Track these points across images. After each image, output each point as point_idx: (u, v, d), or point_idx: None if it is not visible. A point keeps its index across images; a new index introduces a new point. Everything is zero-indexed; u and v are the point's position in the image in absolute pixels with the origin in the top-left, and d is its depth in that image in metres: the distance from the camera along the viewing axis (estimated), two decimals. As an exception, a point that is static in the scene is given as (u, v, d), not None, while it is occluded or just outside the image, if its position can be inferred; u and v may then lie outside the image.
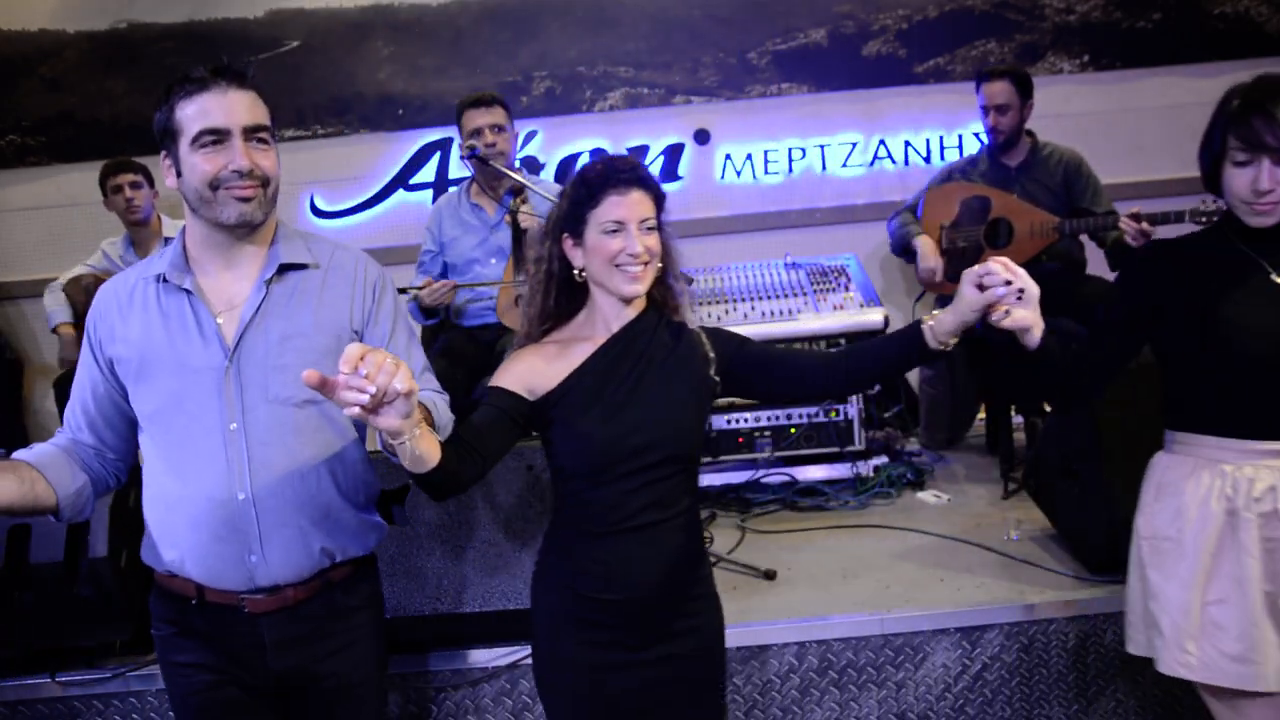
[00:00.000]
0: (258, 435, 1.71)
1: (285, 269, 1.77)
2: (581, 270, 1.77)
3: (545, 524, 2.38)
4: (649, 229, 1.74)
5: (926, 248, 3.75)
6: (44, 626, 2.42)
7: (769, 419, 3.41)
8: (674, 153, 4.56)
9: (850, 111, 4.54)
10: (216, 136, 1.69)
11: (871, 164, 4.57)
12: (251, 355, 1.72)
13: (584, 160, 4.54)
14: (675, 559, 1.78)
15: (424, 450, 1.51)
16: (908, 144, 4.56)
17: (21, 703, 2.47)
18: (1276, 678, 1.72)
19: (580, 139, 4.55)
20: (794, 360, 1.89)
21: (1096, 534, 2.51)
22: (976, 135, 4.48)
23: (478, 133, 3.44)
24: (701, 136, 4.56)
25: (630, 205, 1.72)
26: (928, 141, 4.56)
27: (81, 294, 3.80)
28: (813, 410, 3.39)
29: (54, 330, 3.88)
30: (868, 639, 2.45)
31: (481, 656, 2.43)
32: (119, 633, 2.46)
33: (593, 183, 1.75)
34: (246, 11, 4.42)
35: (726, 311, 3.41)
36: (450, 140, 4.46)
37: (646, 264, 1.74)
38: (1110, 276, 3.69)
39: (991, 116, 3.68)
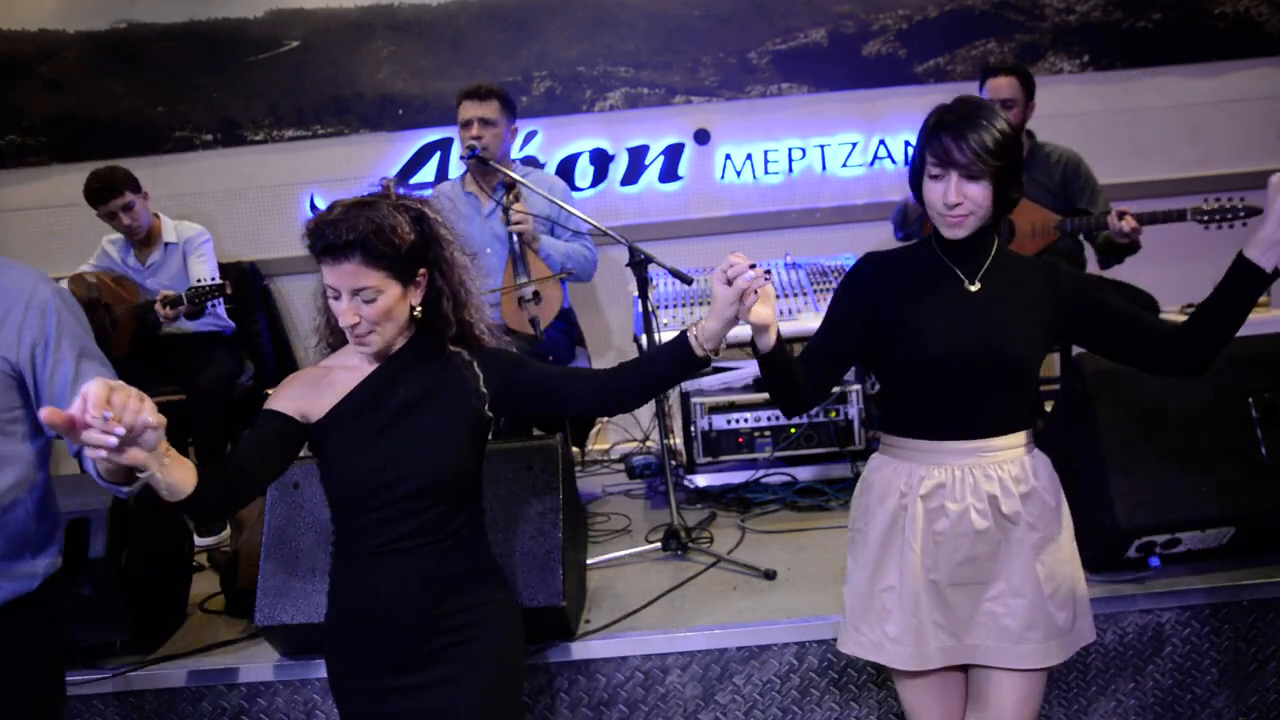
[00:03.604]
0: None
1: None
2: None
3: (546, 524, 2.39)
4: (368, 300, 1.68)
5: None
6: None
7: (769, 419, 3.41)
8: (674, 153, 4.56)
9: (850, 111, 4.54)
10: None
11: (871, 164, 4.58)
12: None
13: (583, 161, 4.55)
14: (434, 582, 1.75)
15: (176, 479, 1.47)
16: (908, 144, 4.56)
17: (21, 703, 2.47)
18: (938, 655, 1.84)
19: (580, 139, 4.55)
20: (564, 383, 1.85)
21: (1096, 534, 2.51)
22: (976, 135, 4.48)
23: (467, 124, 3.43)
24: (701, 136, 4.56)
25: (341, 275, 1.67)
26: (928, 141, 4.55)
27: (84, 291, 3.80)
28: (813, 410, 3.39)
29: None
30: (868, 639, 2.45)
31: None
32: (119, 633, 2.46)
33: (307, 241, 1.69)
34: (246, 11, 4.42)
35: (726, 311, 3.41)
36: (450, 140, 4.47)
37: (368, 334, 1.71)
38: (1106, 276, 3.70)
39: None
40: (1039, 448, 1.88)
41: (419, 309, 1.77)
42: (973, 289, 1.83)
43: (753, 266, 1.62)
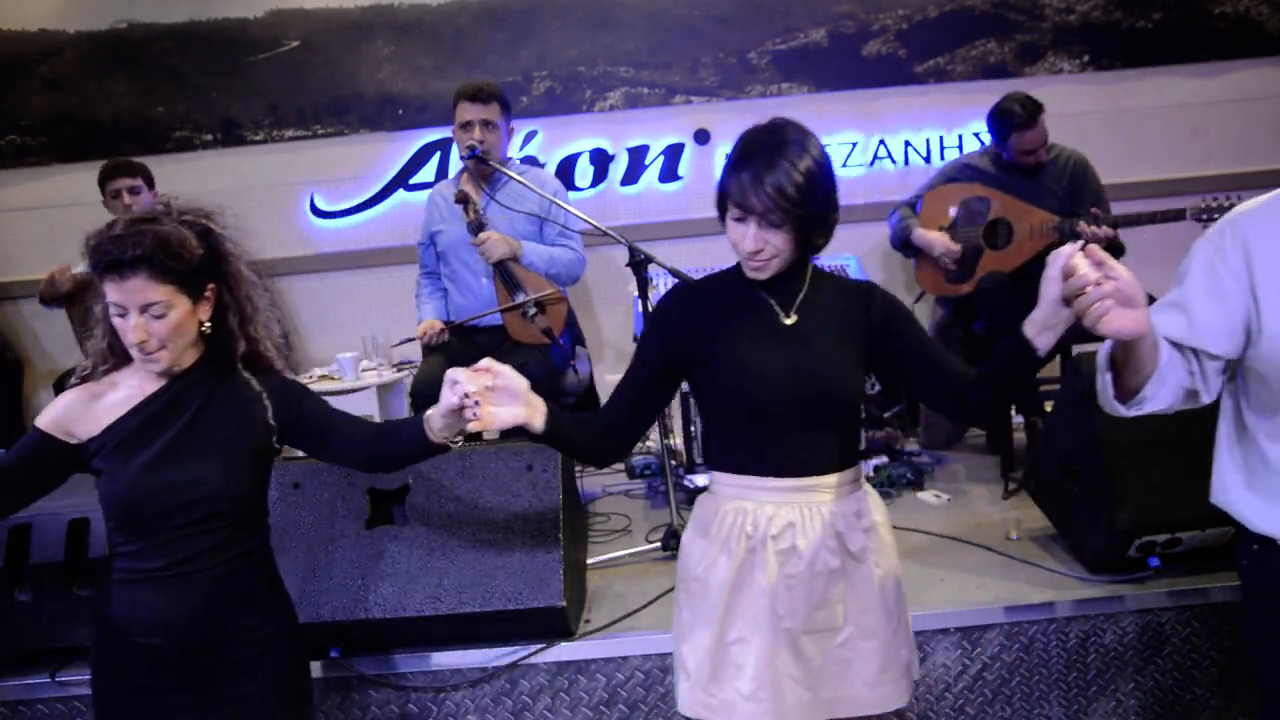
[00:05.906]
0: None
1: None
2: None
3: (546, 524, 2.39)
4: (157, 316, 1.67)
5: (931, 237, 3.73)
6: (44, 626, 2.42)
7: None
8: (674, 153, 4.56)
9: (850, 111, 4.54)
10: None
11: (871, 164, 4.58)
12: None
13: (583, 161, 4.55)
14: (216, 604, 1.75)
15: None
16: (908, 144, 4.56)
17: (21, 703, 2.47)
18: (796, 712, 1.71)
19: (580, 139, 4.55)
20: (336, 427, 1.86)
21: (1096, 534, 2.51)
22: (976, 135, 4.49)
23: (467, 126, 3.41)
24: (701, 136, 4.56)
25: (128, 292, 1.66)
26: (928, 141, 4.56)
27: (75, 287, 3.80)
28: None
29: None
30: (868, 639, 2.45)
31: (481, 656, 2.43)
32: (119, 633, 2.46)
33: (90, 259, 1.67)
34: (246, 11, 4.42)
35: (726, 311, 3.40)
36: (450, 140, 4.46)
37: (158, 350, 1.70)
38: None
39: (1032, 157, 3.65)
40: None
41: (208, 325, 1.77)
42: (789, 322, 1.73)
43: (467, 396, 1.61)
